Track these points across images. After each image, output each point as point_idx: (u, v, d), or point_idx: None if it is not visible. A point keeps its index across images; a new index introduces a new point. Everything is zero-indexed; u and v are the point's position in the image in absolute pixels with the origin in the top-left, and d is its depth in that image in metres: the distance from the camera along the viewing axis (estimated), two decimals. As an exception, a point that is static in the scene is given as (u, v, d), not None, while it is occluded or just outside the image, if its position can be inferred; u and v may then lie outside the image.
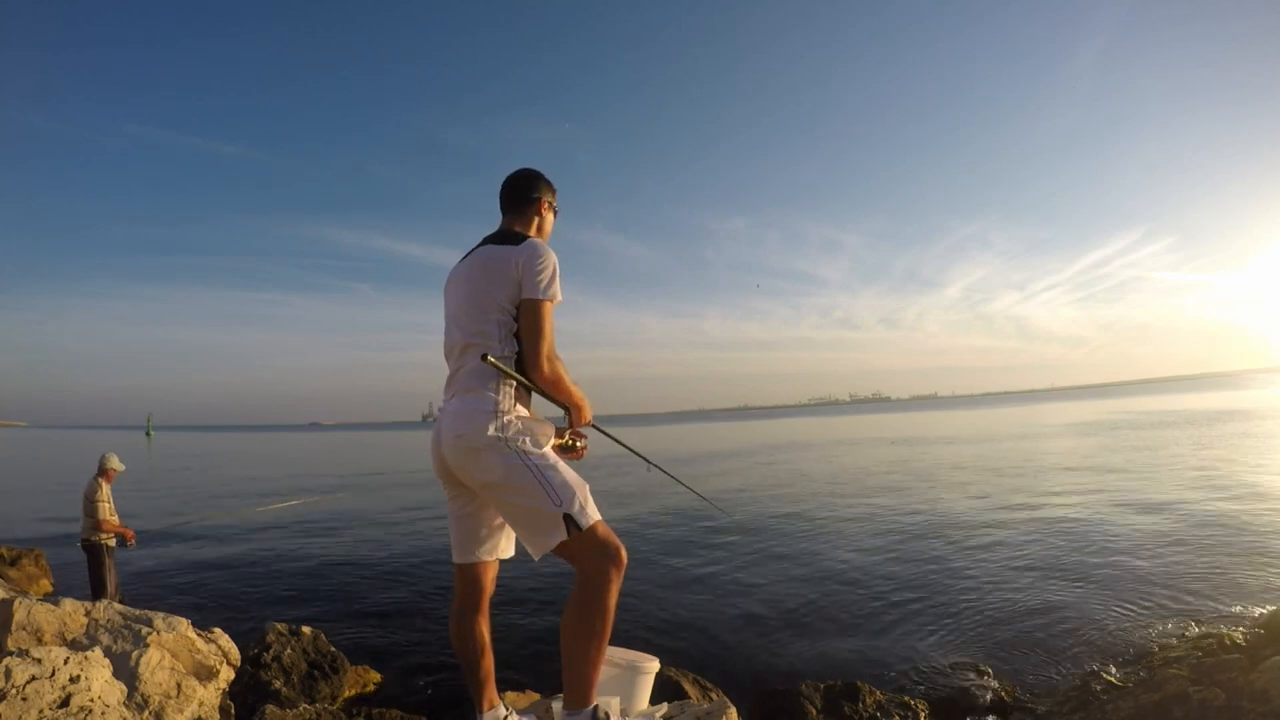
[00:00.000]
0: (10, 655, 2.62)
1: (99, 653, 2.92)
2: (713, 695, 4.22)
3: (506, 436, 2.05)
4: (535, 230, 2.33)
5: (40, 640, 3.08)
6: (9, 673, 2.52)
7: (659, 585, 7.76)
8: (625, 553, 2.03)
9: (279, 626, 4.89)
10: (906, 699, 4.48)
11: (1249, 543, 8.30)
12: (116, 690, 2.86)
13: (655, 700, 2.69)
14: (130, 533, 6.47)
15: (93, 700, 2.69)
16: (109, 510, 6.31)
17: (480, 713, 2.29)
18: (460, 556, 2.28)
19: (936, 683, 4.95)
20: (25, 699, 2.51)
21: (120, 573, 6.56)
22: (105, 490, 6.36)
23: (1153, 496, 12.11)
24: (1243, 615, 5.86)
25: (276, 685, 4.38)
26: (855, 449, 28.52)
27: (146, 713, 2.95)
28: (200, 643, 3.38)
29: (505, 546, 2.32)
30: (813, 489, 16.01)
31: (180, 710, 3.07)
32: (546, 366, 2.09)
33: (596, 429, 2.41)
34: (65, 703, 2.61)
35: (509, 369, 2.08)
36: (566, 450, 2.28)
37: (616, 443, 2.62)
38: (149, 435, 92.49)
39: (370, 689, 5.02)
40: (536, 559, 2.12)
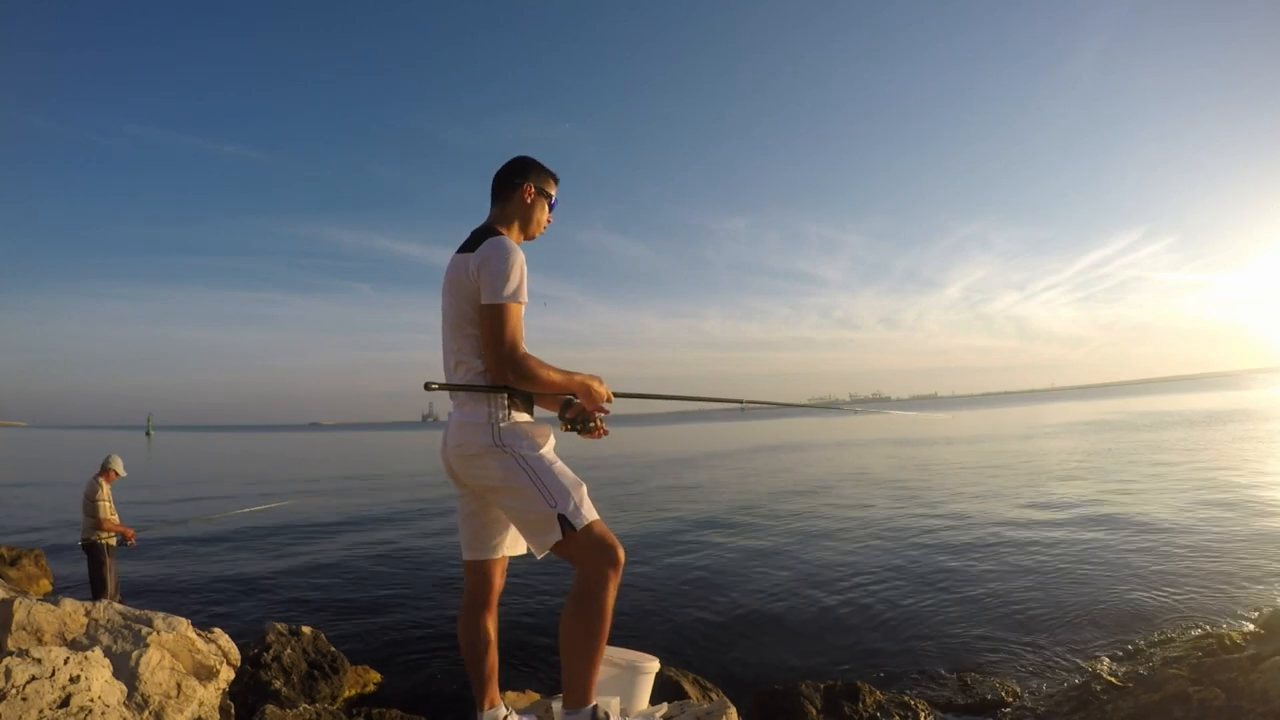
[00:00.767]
0: (10, 655, 2.62)
1: (99, 653, 2.92)
2: (713, 695, 4.22)
3: (503, 442, 2.07)
4: (517, 221, 2.27)
5: (40, 640, 3.09)
6: (9, 673, 2.52)
7: (658, 585, 7.76)
8: (623, 552, 2.05)
9: (279, 626, 4.89)
10: (906, 699, 4.49)
11: (1249, 543, 8.29)
12: (116, 690, 2.86)
13: (655, 700, 2.69)
14: (131, 532, 6.48)
15: (93, 700, 2.69)
16: (110, 509, 6.31)
17: (480, 711, 2.30)
18: (470, 553, 2.29)
19: (936, 683, 4.95)
20: (25, 699, 2.51)
21: (120, 572, 6.56)
22: (106, 489, 6.37)
23: (1152, 497, 12.11)
24: (1243, 615, 5.86)
25: (276, 685, 4.38)
26: (856, 449, 28.51)
27: (146, 713, 2.96)
28: (200, 643, 3.39)
29: (514, 543, 2.31)
30: (812, 489, 16.00)
31: (180, 710, 3.07)
32: (511, 372, 2.03)
33: (630, 396, 2.31)
34: (65, 703, 2.61)
35: (472, 385, 2.07)
36: (584, 432, 2.20)
37: (665, 399, 2.50)
38: (149, 435, 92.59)
39: (370, 689, 5.02)
40: (539, 558, 2.16)
